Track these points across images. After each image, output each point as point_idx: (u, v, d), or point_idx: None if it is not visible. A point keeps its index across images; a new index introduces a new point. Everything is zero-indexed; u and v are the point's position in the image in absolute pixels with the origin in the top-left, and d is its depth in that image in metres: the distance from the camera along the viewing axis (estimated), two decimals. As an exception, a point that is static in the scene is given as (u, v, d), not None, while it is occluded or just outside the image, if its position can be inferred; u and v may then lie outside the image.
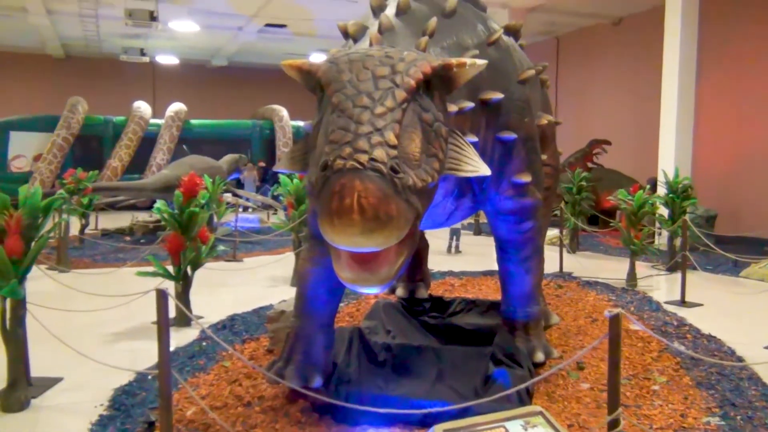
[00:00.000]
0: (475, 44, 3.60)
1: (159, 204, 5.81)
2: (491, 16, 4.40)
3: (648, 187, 8.59)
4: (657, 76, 12.15)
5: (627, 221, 8.03)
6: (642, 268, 9.05)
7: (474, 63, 2.71)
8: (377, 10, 3.68)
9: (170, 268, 5.87)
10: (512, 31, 4.39)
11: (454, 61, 2.69)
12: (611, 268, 9.20)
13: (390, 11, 3.56)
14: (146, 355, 5.15)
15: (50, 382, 4.37)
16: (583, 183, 11.26)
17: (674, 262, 8.92)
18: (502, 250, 4.26)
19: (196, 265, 5.92)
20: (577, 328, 5.81)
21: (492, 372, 3.96)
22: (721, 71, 13.61)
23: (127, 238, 12.06)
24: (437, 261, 9.77)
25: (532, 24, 16.62)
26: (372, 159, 2.31)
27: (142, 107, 20.68)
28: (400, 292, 6.09)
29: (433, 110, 2.67)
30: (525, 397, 3.76)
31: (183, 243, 5.70)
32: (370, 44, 2.99)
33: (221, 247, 6.33)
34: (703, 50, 11.93)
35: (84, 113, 19.62)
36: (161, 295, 2.81)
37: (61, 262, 8.72)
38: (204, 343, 5.31)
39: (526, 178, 3.88)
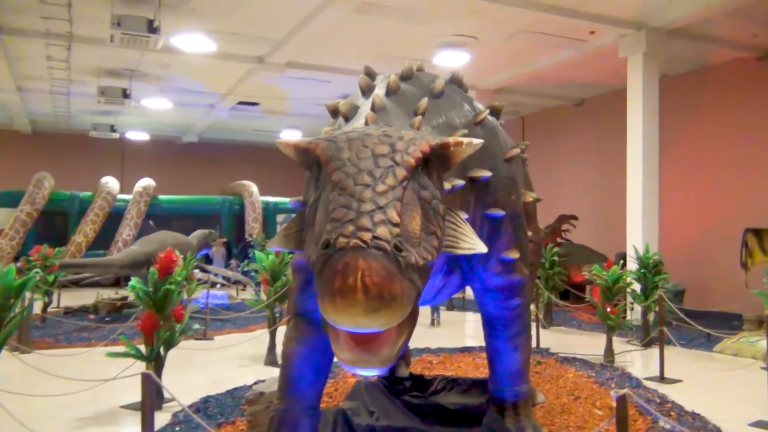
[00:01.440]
0: (463, 124, 3.67)
1: (133, 281, 5.65)
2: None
3: (621, 262, 8.70)
4: (620, 153, 12.56)
5: (602, 296, 8.09)
6: (617, 343, 9.04)
7: (471, 142, 2.74)
8: (365, 90, 3.75)
9: (142, 348, 5.65)
10: (495, 112, 4.50)
11: (451, 140, 2.72)
12: (587, 344, 9.19)
13: (380, 91, 3.63)
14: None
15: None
16: (555, 258, 11.37)
17: (650, 338, 8.95)
18: (490, 327, 4.22)
19: (170, 344, 5.72)
20: (560, 407, 5.73)
21: (484, 455, 3.84)
22: (683, 149, 14.16)
23: (92, 317, 11.67)
24: (414, 337, 9.63)
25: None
26: (375, 237, 2.28)
27: (110, 183, 20.48)
28: (380, 371, 5.94)
29: (431, 188, 2.68)
30: (520, 482, 3.64)
31: (157, 322, 5.52)
32: (366, 123, 3.01)
33: (196, 326, 6.15)
34: (664, 130, 12.41)
35: (50, 188, 19.33)
36: (147, 379, 2.67)
37: (23, 343, 8.33)
38: (177, 429, 5.07)
39: (514, 255, 3.89)
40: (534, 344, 8.83)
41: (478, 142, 2.78)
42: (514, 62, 13.85)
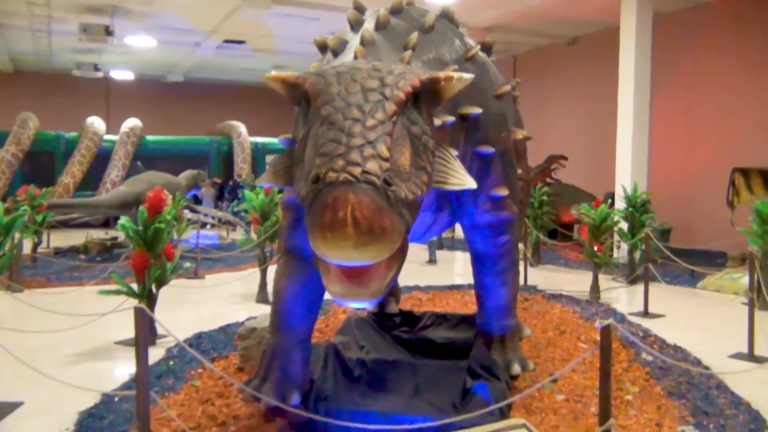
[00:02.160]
0: (454, 59, 3.62)
1: (123, 220, 5.64)
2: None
3: (609, 201, 8.78)
4: (611, 93, 12.49)
5: (590, 235, 8.18)
6: (604, 280, 9.21)
7: (461, 77, 2.72)
8: (354, 24, 3.68)
9: (134, 286, 5.70)
10: (486, 48, 4.44)
11: (441, 74, 2.69)
12: (574, 281, 9.35)
13: (369, 26, 3.56)
14: (110, 377, 5.00)
15: (10, 408, 4.17)
16: (544, 197, 11.44)
17: (635, 275, 9.12)
18: (479, 263, 4.28)
19: (161, 282, 5.77)
20: (546, 341, 5.86)
21: (471, 386, 3.95)
22: (674, 90, 14.08)
23: (82, 257, 11.69)
24: (403, 275, 9.75)
25: (489, 42, 16.91)
26: (365, 171, 2.28)
27: (96, 123, 20.19)
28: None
29: (421, 123, 2.67)
30: (506, 410, 3.76)
31: (148, 260, 5.55)
32: (355, 58, 2.97)
33: (187, 264, 6.19)
34: (656, 69, 12.32)
35: (35, 129, 19.05)
36: (140, 313, 2.71)
37: (14, 281, 8.38)
38: (171, 363, 5.16)
39: (503, 192, 3.91)
40: (522, 281, 8.97)
41: (468, 76, 2.75)
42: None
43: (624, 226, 9.71)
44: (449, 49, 3.68)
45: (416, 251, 12.86)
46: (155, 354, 5.44)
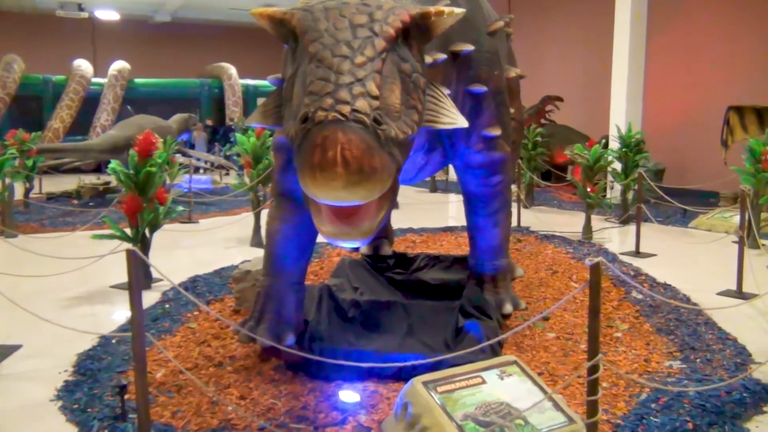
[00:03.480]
0: (446, -6, 3.52)
1: (114, 164, 5.59)
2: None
3: (603, 142, 8.73)
4: (608, 32, 12.27)
5: (583, 175, 8.18)
6: (596, 221, 9.25)
7: (452, 12, 2.64)
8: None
9: (127, 231, 5.69)
10: (478, -19, 4.32)
11: (432, 9, 2.62)
12: (567, 222, 9.40)
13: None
14: (107, 319, 5.04)
15: (9, 350, 4.22)
16: (538, 139, 11.37)
17: (627, 215, 9.16)
18: (471, 204, 4.27)
19: (155, 226, 5.77)
20: (538, 281, 5.92)
21: (463, 324, 4.00)
22: (670, 29, 13.82)
23: (75, 202, 11.65)
24: (397, 218, 9.78)
25: (484, -21, 16.49)
26: (354, 110, 2.24)
27: (83, 66, 19.81)
28: (364, 249, 6.08)
29: (412, 61, 2.61)
30: (497, 348, 3.82)
31: (140, 204, 5.53)
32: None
33: (180, 208, 6.17)
34: (653, 9, 12.06)
35: (21, 72, 18.70)
36: (132, 255, 2.71)
37: (7, 226, 8.37)
38: (167, 305, 5.20)
39: (495, 132, 3.87)
40: (515, 223, 9.02)
41: (459, 11, 2.68)
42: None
43: (617, 166, 9.69)
44: (442, -16, 3.57)
45: (411, 194, 12.88)
46: (151, 297, 5.49)
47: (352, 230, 2.41)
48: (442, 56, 3.22)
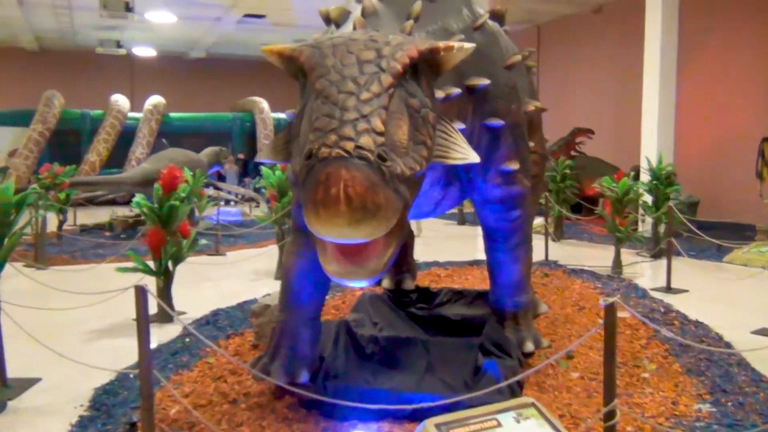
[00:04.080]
0: (461, 29, 3.51)
1: (138, 198, 5.67)
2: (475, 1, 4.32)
3: (632, 174, 8.57)
4: (638, 63, 12.16)
5: (612, 208, 8.02)
6: (627, 255, 9.06)
7: (462, 47, 2.62)
8: (360, -5, 3.56)
9: (151, 264, 5.73)
10: (498, 17, 4.31)
11: (441, 44, 2.60)
12: (596, 256, 9.21)
13: (374, -5, 3.46)
14: (127, 353, 5.00)
15: (28, 383, 4.24)
16: (567, 171, 11.23)
17: (659, 249, 8.94)
18: (491, 239, 4.20)
19: (178, 259, 5.80)
20: (564, 317, 5.78)
21: (481, 363, 3.90)
22: (701, 59, 13.67)
23: (107, 234, 11.84)
24: (423, 251, 9.71)
25: (512, 12, 16.43)
26: (358, 147, 2.22)
27: (120, 101, 20.34)
28: (386, 283, 6.01)
29: (421, 96, 2.59)
30: (516, 389, 3.70)
31: (163, 237, 5.57)
32: (354, 29, 2.88)
33: (203, 241, 6.21)
34: (684, 39, 11.94)
35: (60, 107, 19.26)
36: (140, 292, 2.70)
37: (38, 260, 8.53)
38: (187, 340, 5.20)
39: (513, 166, 3.81)
40: (543, 257, 8.88)
41: (469, 46, 2.65)
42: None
43: (648, 199, 9.50)
44: (456, 19, 3.57)
45: (438, 226, 12.81)
46: (172, 331, 5.50)
47: (358, 269, 2.36)
48: (456, 91, 3.19)
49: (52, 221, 11.21)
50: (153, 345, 5.06)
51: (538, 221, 11.08)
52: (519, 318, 4.32)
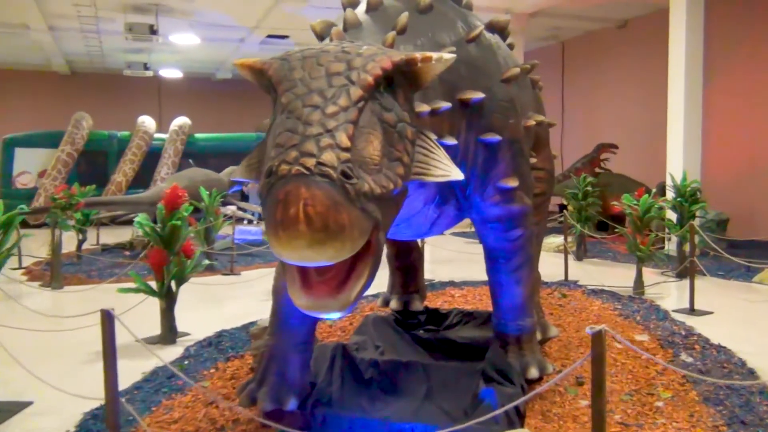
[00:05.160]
0: (453, 41, 3.36)
1: (139, 218, 5.62)
2: (477, 15, 4.19)
3: (653, 191, 8.28)
4: (664, 78, 11.86)
5: (632, 227, 7.76)
6: (651, 274, 8.75)
7: (440, 57, 2.47)
8: (349, 7, 3.46)
9: (154, 284, 5.66)
10: (497, 29, 4.15)
11: (418, 55, 2.45)
12: (619, 275, 8.90)
13: (361, 8, 3.35)
14: (124, 377, 4.92)
15: (18, 407, 4.17)
16: (589, 188, 10.95)
17: (683, 268, 8.62)
18: (491, 259, 4.02)
19: (181, 280, 5.71)
20: (579, 340, 5.54)
21: (480, 391, 3.71)
22: (730, 72, 13.31)
23: (127, 253, 11.88)
24: (440, 270, 9.54)
25: (535, 29, 16.41)
26: (320, 163, 2.08)
27: (147, 122, 20.59)
28: (393, 304, 5.86)
29: (397, 110, 2.44)
30: (514, 418, 3.50)
31: (166, 257, 5.50)
32: (331, 41, 2.77)
33: (206, 261, 6.13)
34: (710, 51, 11.64)
35: (88, 129, 19.55)
36: (106, 317, 2.59)
37: (54, 279, 8.56)
38: (186, 362, 5.10)
39: (512, 183, 3.64)
40: (562, 277, 8.62)
41: (449, 57, 2.50)
42: (550, -19, 13.08)
43: (673, 216, 9.19)
44: (449, 31, 3.42)
45: (459, 245, 12.61)
46: (173, 352, 5.41)
47: (329, 301, 2.22)
48: (446, 105, 3.05)
49: (73, 241, 11.31)
50: (150, 367, 4.97)
51: (558, 240, 10.85)
52: (523, 342, 4.11)
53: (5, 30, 16.49)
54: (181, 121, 20.91)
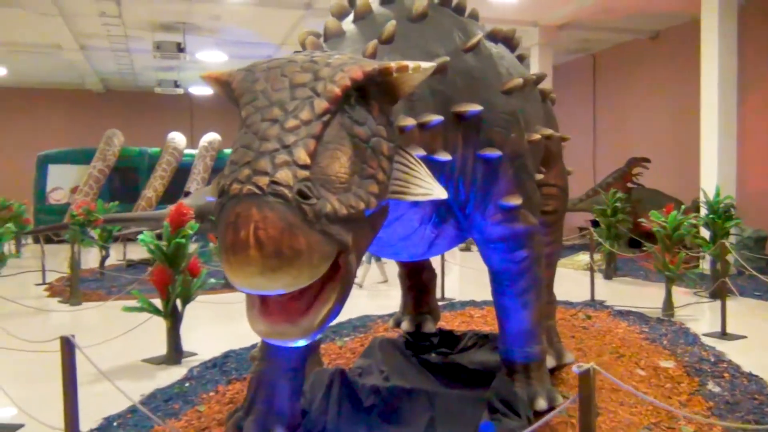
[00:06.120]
0: (448, 51, 3.16)
1: (143, 235, 5.52)
2: (481, 24, 3.99)
3: (683, 207, 7.91)
4: (698, 90, 11.47)
5: (661, 245, 7.40)
6: (683, 294, 8.36)
7: (418, 67, 2.27)
8: (339, 16, 3.29)
9: (158, 303, 5.55)
10: (501, 39, 3.94)
11: (393, 64, 2.26)
12: (649, 296, 8.52)
13: (349, 17, 3.18)
14: (121, 398, 4.77)
15: (8, 430, 4.06)
16: (618, 204, 10.58)
17: (716, 289, 8.20)
18: (496, 282, 3.78)
19: (187, 299, 5.59)
20: (599, 366, 5.22)
21: (480, 424, 3.47)
22: (766, 82, 12.80)
23: (149, 269, 11.88)
24: (462, 289, 9.28)
25: (565, 41, 16.11)
26: (273, 182, 1.89)
27: (177, 138, 20.81)
28: (405, 325, 5.64)
29: (370, 123, 2.25)
30: (516, 453, 3.25)
31: (170, 276, 5.39)
32: (303, 50, 2.60)
33: (212, 280, 6.01)
34: (744, 62, 11.20)
35: (120, 145, 19.84)
36: (66, 344, 2.44)
37: (72, 295, 8.56)
38: (187, 384, 4.95)
39: (515, 201, 3.40)
40: (588, 297, 8.29)
41: (428, 65, 2.31)
42: (579, -8, 12.78)
43: (707, 234, 8.79)
44: (444, 41, 3.22)
45: (480, 262, 12.31)
46: (176, 373, 5.28)
47: (289, 328, 2.03)
48: (437, 118, 2.85)
49: (95, 257, 11.37)
50: (150, 389, 4.84)
51: (587, 258, 10.47)
52: (531, 371, 3.85)
53: (39, 50, 16.88)
54: (211, 137, 21.08)
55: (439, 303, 8.11)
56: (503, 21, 14.01)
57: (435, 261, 8.44)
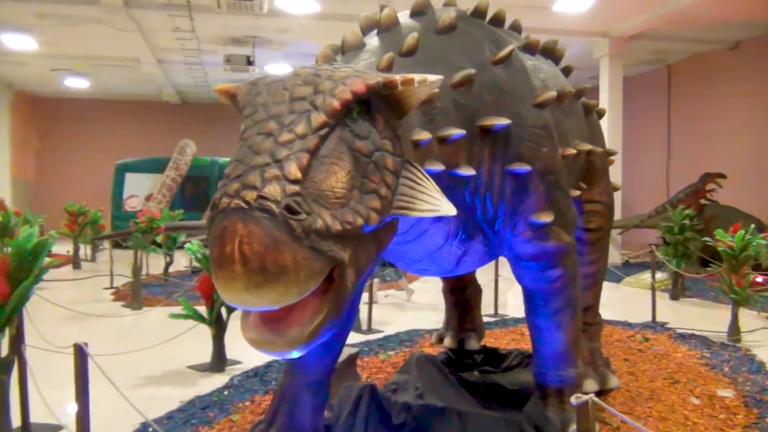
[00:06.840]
0: (475, 64, 3.07)
1: (191, 243, 5.64)
2: (517, 35, 3.88)
3: (752, 226, 7.44)
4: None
5: (727, 265, 6.99)
6: (754, 318, 7.87)
7: (424, 80, 2.21)
8: (366, 30, 3.26)
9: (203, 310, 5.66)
10: (539, 50, 3.81)
11: (398, 77, 2.20)
12: (716, 318, 8.05)
13: (373, 30, 3.15)
14: (161, 403, 4.86)
15: (49, 430, 4.20)
16: (686, 222, 10.08)
17: (790, 314, 7.69)
18: (529, 301, 3.64)
19: (232, 307, 5.68)
20: (650, 392, 4.97)
21: (505, 450, 3.34)
22: None
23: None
24: (512, 305, 9.07)
25: (638, 52, 15.59)
26: (261, 196, 1.87)
27: (247, 149, 21.38)
28: (448, 342, 5.56)
29: (374, 137, 2.20)
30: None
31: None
32: (316, 62, 2.58)
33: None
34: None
35: (192, 155, 20.51)
36: (79, 351, 2.50)
37: (134, 300, 8.87)
38: (226, 392, 5.01)
39: (546, 218, 3.27)
40: (649, 318, 7.92)
41: (434, 78, 2.24)
42: (652, 1, 12.29)
43: (782, 255, 8.24)
44: (471, 53, 3.13)
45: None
46: (217, 381, 5.35)
47: (276, 338, 2.00)
48: (459, 132, 2.78)
49: (160, 263, 11.77)
50: (191, 395, 4.92)
51: (646, 277, 10.03)
52: (564, 396, 3.68)
53: (119, 63, 17.72)
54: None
55: (492, 319, 7.96)
56: (571, 32, 13.69)
57: (488, 276, 8.32)
